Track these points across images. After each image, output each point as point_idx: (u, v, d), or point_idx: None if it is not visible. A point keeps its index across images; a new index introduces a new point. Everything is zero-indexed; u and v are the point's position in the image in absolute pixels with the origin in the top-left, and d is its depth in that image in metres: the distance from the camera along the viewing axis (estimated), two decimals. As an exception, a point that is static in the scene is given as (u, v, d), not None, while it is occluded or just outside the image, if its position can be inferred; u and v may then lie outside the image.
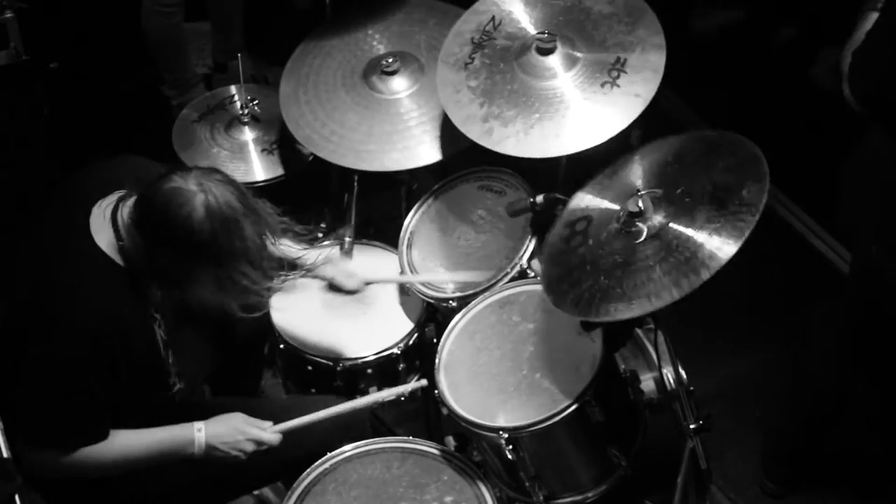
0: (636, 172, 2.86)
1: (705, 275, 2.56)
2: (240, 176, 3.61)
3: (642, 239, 2.69)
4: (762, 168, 2.63)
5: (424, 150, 3.38)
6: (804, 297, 4.25)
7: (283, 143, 3.70)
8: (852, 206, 3.17)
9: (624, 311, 2.62)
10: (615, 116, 3.05)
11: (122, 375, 2.69)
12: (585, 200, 2.93)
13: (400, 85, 3.50)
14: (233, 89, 3.89)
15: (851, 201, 3.18)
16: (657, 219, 2.70)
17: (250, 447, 2.89)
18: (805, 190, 4.45)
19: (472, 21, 3.31)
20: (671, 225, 2.67)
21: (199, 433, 2.85)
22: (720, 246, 2.57)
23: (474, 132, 3.12)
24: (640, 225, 2.71)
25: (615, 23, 3.16)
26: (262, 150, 3.71)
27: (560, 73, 3.16)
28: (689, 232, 2.63)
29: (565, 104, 3.11)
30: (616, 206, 2.82)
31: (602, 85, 3.08)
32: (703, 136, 2.84)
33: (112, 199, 2.71)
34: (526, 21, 3.27)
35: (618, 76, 3.08)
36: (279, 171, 3.66)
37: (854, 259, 3.42)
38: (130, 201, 2.66)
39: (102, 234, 2.67)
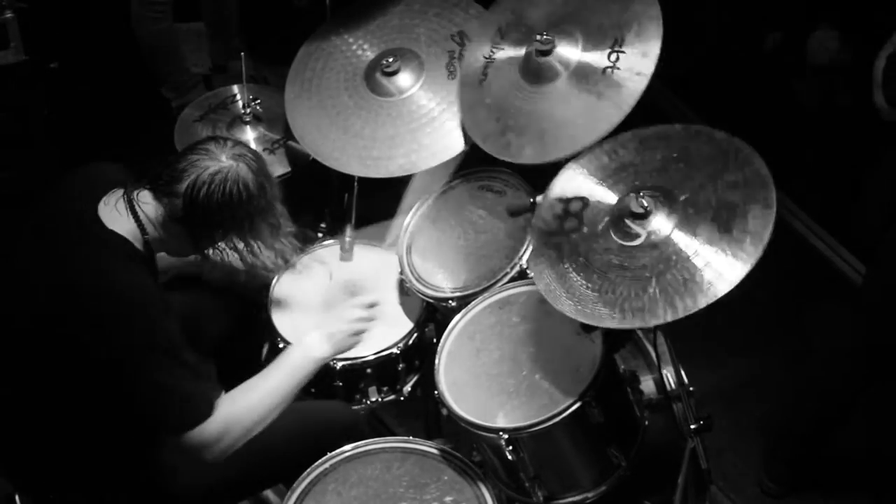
0: (638, 159, 2.83)
1: (703, 301, 2.53)
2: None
3: (640, 244, 2.68)
4: (770, 194, 2.59)
5: (429, 154, 3.37)
6: (804, 297, 4.26)
7: (284, 143, 3.69)
8: (876, 215, 3.13)
9: (614, 321, 2.60)
10: (620, 97, 3.00)
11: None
12: (581, 177, 2.88)
13: (405, 83, 3.48)
14: (235, 89, 3.88)
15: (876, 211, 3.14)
16: (658, 226, 2.68)
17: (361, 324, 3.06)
18: (805, 190, 4.46)
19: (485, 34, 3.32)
20: (673, 238, 2.65)
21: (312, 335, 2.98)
22: (720, 273, 2.55)
23: (495, 148, 3.16)
24: (639, 227, 2.70)
25: (610, 2, 3.12)
26: (264, 150, 3.70)
27: (562, 71, 3.12)
28: (690, 250, 2.61)
29: (567, 99, 3.08)
30: (613, 194, 2.80)
31: (604, 71, 3.06)
32: (712, 135, 2.77)
33: (115, 196, 2.77)
34: (528, 21, 3.26)
35: (617, 59, 3.05)
36: (280, 171, 3.65)
37: (881, 275, 3.39)
38: (142, 195, 2.76)
39: (119, 226, 2.74)
